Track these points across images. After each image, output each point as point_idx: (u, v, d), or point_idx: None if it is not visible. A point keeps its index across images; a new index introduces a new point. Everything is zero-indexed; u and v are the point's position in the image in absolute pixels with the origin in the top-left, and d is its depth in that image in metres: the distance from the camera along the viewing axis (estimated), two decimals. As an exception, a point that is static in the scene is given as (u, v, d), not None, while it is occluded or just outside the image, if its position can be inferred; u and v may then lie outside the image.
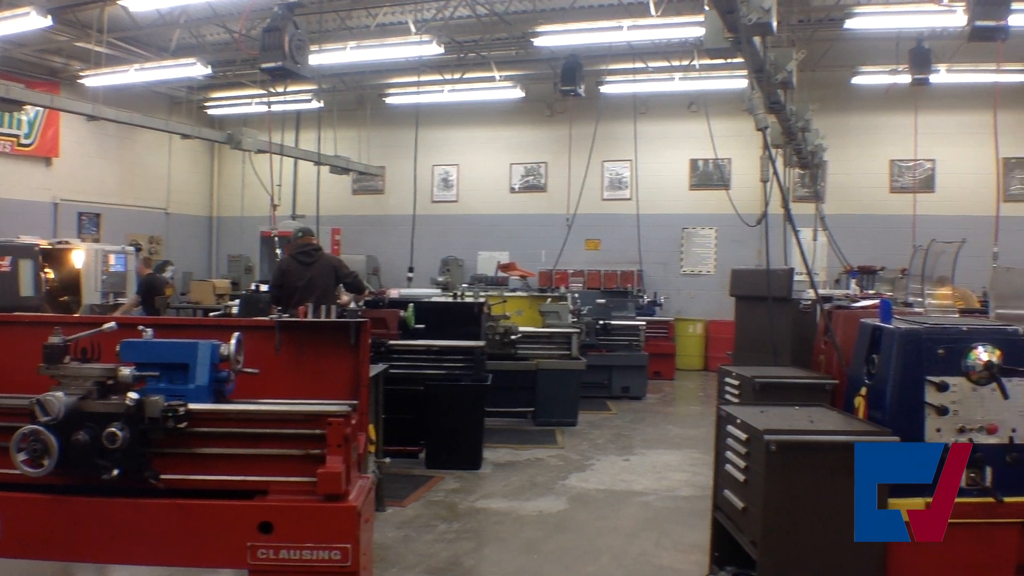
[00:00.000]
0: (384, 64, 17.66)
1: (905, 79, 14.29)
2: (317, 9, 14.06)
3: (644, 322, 15.24)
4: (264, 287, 12.83)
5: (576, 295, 14.23)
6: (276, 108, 17.57)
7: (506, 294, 13.38)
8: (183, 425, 3.58)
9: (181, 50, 16.76)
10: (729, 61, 9.82)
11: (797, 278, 7.86)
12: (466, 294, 11.72)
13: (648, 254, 18.82)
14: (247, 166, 19.20)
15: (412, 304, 9.09)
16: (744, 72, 10.98)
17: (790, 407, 4.74)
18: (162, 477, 3.60)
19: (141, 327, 4.03)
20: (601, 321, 14.26)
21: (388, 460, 7.20)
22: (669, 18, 13.81)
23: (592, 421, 12.02)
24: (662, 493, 8.31)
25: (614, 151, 19.35)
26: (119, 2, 13.75)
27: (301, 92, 19.03)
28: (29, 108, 15.31)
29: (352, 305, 8.66)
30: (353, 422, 3.81)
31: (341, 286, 9.73)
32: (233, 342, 3.99)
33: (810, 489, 3.97)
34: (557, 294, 13.63)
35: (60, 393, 3.48)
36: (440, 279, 14.60)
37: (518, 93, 19.04)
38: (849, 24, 13.98)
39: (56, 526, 3.61)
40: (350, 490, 3.68)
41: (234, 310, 10.78)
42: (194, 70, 16.12)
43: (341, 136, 20.32)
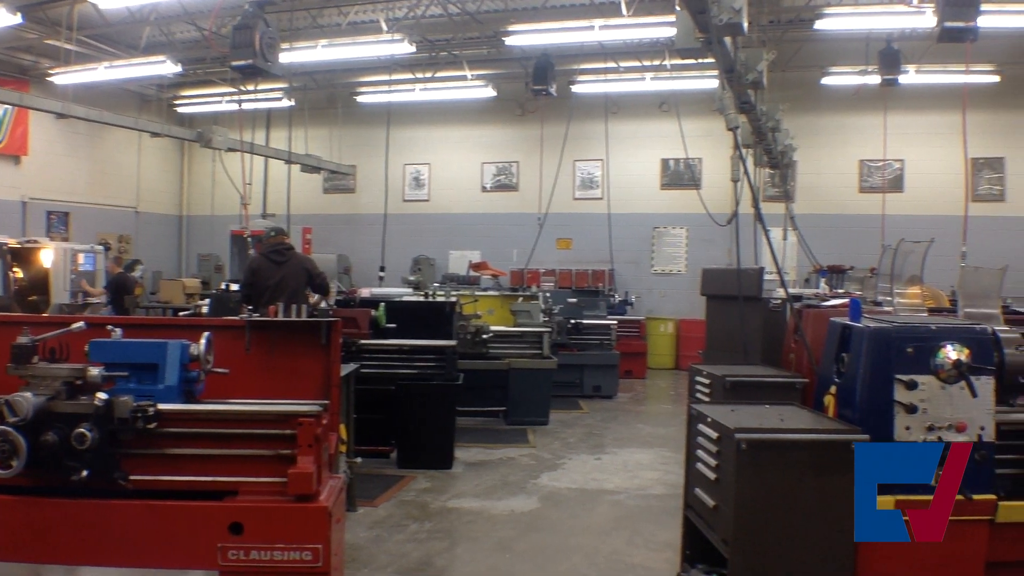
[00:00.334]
0: (355, 63, 17.58)
1: (874, 80, 14.44)
2: (288, 7, 14.01)
3: (616, 321, 15.30)
4: (234, 286, 12.77)
5: (548, 294, 14.20)
6: (247, 106, 17.41)
7: (478, 293, 13.41)
8: (152, 426, 3.56)
9: (151, 48, 16.58)
10: (700, 61, 9.90)
11: (767, 277, 7.92)
12: (438, 293, 11.71)
13: (619, 253, 18.80)
14: (217, 165, 19.10)
15: (383, 303, 9.09)
16: (715, 72, 11.06)
17: (761, 406, 4.76)
18: (132, 478, 3.58)
19: (110, 327, 4.00)
20: (573, 320, 14.27)
21: (359, 460, 7.16)
22: (640, 18, 13.84)
23: (564, 420, 12.02)
24: (634, 492, 8.33)
25: (585, 150, 19.40)
26: (89, -1, 13.62)
27: (272, 90, 18.97)
28: (-2, 106, 15.11)
29: (323, 304, 8.62)
30: (324, 422, 3.80)
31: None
32: (203, 342, 3.99)
33: (781, 487, 3.99)
34: (529, 293, 13.63)
35: (28, 394, 3.45)
36: (411, 278, 14.53)
37: (490, 92, 19.05)
38: (819, 25, 14.12)
39: (25, 528, 3.58)
40: (321, 490, 3.67)
41: (204, 309, 10.72)
42: (164, 68, 15.98)
43: (312, 135, 20.22)
